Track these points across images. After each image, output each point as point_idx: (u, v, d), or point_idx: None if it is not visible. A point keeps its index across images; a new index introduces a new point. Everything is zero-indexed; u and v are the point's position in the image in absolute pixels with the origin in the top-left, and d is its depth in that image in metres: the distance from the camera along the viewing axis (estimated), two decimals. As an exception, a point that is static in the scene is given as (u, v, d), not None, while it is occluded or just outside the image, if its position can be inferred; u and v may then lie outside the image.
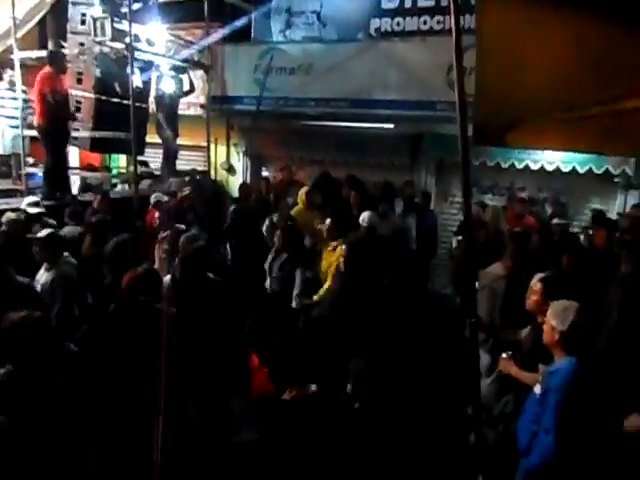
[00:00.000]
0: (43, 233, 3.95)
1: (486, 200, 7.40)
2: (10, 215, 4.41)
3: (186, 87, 8.11)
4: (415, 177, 8.15)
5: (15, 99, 6.62)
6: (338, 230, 4.64)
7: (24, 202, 4.76)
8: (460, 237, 6.18)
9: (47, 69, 5.94)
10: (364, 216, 5.33)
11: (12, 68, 6.78)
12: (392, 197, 6.75)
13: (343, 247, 3.88)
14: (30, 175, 6.65)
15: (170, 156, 8.02)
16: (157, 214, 5.11)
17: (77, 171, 8.60)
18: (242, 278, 4.64)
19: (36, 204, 4.84)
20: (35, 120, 5.97)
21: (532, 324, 3.29)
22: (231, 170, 9.46)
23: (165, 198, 6.05)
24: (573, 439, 2.36)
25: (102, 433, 2.36)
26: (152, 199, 6.10)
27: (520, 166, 7.32)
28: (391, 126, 7.91)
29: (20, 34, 6.94)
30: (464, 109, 3.10)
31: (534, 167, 7.22)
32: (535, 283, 3.28)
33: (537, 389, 2.52)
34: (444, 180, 8.16)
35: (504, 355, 3.16)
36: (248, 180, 9.22)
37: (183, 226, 4.75)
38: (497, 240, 5.06)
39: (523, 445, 2.50)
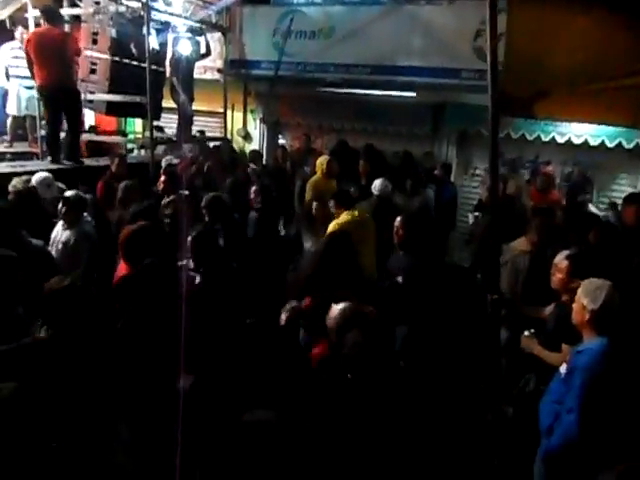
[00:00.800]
0: (69, 193, 4.05)
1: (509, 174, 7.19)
2: (18, 180, 4.38)
3: (202, 50, 7.90)
4: (436, 148, 7.96)
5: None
6: (342, 205, 4.51)
7: (34, 179, 4.66)
8: (477, 213, 6.03)
9: (57, 28, 5.78)
10: (376, 184, 5.20)
11: (24, 26, 6.62)
12: (411, 168, 6.58)
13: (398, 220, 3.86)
14: (45, 137, 6.56)
15: (185, 121, 7.89)
16: (162, 178, 5.06)
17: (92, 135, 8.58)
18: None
19: (48, 185, 4.73)
20: (50, 81, 5.76)
21: (556, 302, 3.19)
22: (248, 137, 9.31)
23: (175, 161, 5.99)
24: (596, 420, 2.28)
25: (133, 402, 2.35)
26: (163, 163, 6.02)
27: (546, 139, 7.08)
28: (413, 94, 7.65)
29: (35, -8, 6.78)
30: (495, 75, 2.94)
31: (560, 140, 6.98)
32: (561, 260, 3.16)
33: (563, 368, 2.43)
34: (466, 151, 7.94)
35: (526, 333, 3.07)
36: (264, 148, 9.09)
37: (187, 192, 4.71)
38: (520, 215, 4.91)
39: (545, 425, 2.43)
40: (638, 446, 2.21)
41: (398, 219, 3.84)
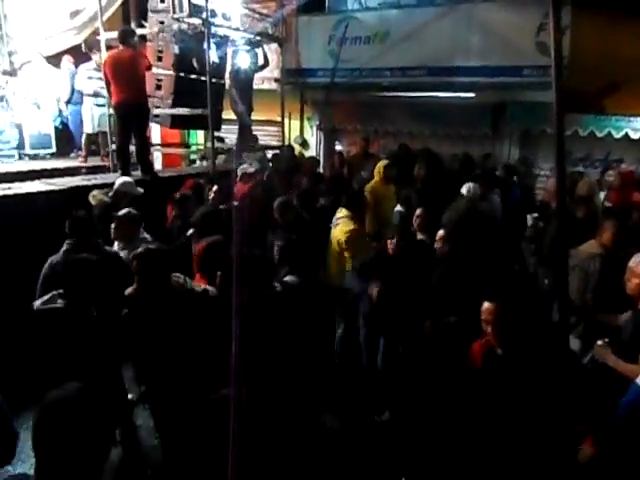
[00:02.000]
0: (121, 212, 3.96)
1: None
2: (98, 192, 4.62)
3: (261, 61, 8.09)
4: (496, 149, 7.72)
5: (101, 79, 6.90)
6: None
7: (119, 183, 4.88)
8: (535, 214, 5.70)
9: (130, 49, 6.12)
10: (467, 187, 5.10)
11: (99, 49, 7.07)
12: (471, 171, 6.38)
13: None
14: (115, 151, 6.95)
15: (244, 131, 8.10)
16: (215, 188, 5.20)
17: (159, 147, 9.01)
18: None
19: (132, 184, 4.91)
20: (125, 99, 5.99)
21: (632, 309, 2.98)
22: (305, 144, 9.43)
23: (251, 170, 6.09)
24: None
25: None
26: (239, 172, 6.13)
27: (618, 135, 6.70)
28: (471, 95, 7.47)
29: (106, 16, 7.23)
30: (560, 70, 2.81)
31: (634, 136, 6.58)
32: (637, 264, 2.95)
33: (640, 381, 2.27)
34: (529, 152, 7.62)
35: (600, 342, 2.89)
36: (321, 154, 9.16)
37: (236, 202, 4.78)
38: (591, 217, 4.63)
39: (622, 441, 2.27)
40: None
41: (441, 231, 3.72)
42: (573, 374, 2.73)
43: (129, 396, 3.38)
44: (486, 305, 2.60)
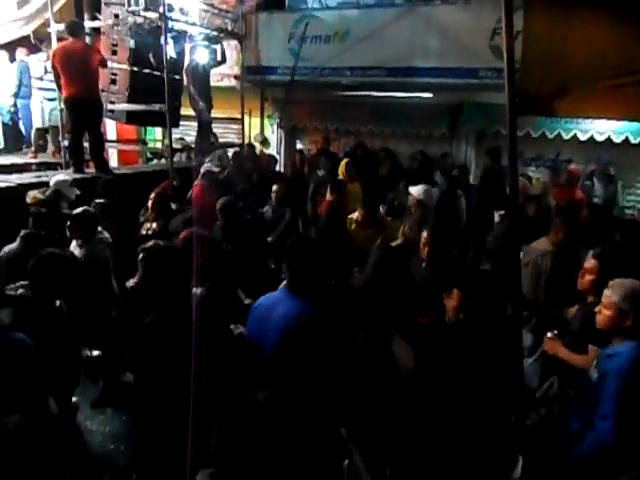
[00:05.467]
0: (78, 210, 3.84)
1: (529, 172, 7.08)
2: (36, 192, 4.37)
3: (218, 58, 7.98)
4: (454, 148, 7.89)
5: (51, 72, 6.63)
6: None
7: (55, 182, 4.61)
8: (502, 211, 5.88)
9: (80, 41, 5.90)
10: (417, 191, 5.00)
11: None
12: (430, 169, 6.51)
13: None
14: (68, 147, 6.70)
15: (203, 128, 7.97)
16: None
17: (114, 144, 8.75)
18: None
19: (70, 185, 4.73)
20: (76, 93, 5.78)
21: (581, 303, 3.11)
22: (265, 142, 9.36)
23: (215, 169, 5.97)
24: (632, 427, 2.20)
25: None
26: (202, 170, 6.00)
27: (567, 136, 6.97)
28: (430, 95, 7.61)
29: (56, 7, 6.94)
30: (512, 74, 2.89)
31: (582, 137, 6.86)
32: (589, 260, 3.07)
33: (593, 373, 2.36)
34: (484, 152, 7.83)
35: (550, 335, 2.99)
36: (282, 152, 9.13)
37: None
38: (545, 215, 4.81)
39: (575, 431, 2.36)
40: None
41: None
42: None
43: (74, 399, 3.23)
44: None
